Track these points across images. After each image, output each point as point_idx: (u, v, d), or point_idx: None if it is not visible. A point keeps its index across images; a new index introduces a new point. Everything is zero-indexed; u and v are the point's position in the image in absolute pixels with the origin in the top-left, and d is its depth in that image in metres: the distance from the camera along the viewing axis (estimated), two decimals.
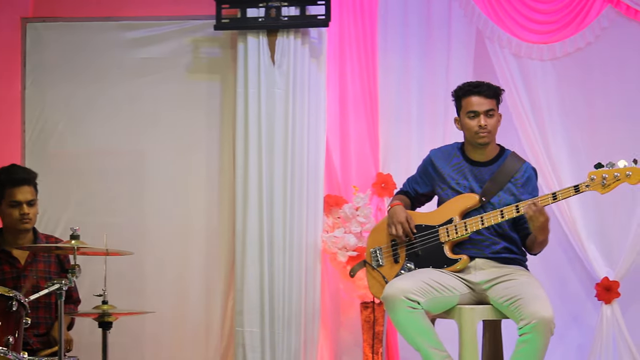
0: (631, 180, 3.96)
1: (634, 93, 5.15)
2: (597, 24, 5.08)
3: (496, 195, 4.17)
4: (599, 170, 3.98)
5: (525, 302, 3.92)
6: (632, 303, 5.14)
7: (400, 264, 4.26)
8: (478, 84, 4.24)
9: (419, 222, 4.27)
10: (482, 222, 4.11)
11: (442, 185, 4.29)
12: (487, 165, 4.24)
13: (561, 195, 4.03)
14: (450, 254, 4.17)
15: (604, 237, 5.14)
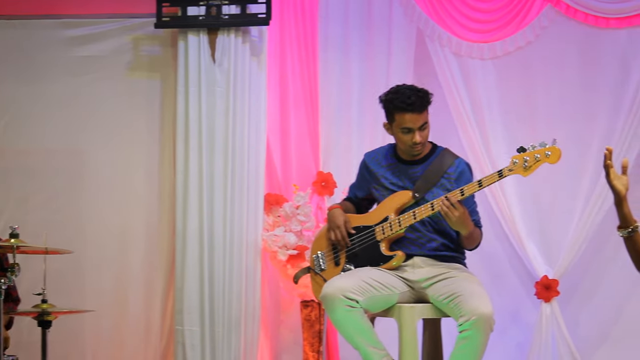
0: (551, 160, 4.21)
1: (574, 91, 5.52)
2: (537, 23, 5.46)
3: (430, 191, 4.43)
4: (521, 154, 4.23)
5: (464, 298, 4.16)
6: (571, 301, 5.52)
7: (340, 266, 4.52)
8: (411, 102, 4.37)
9: (357, 223, 4.53)
10: (414, 216, 4.35)
11: (377, 186, 4.56)
12: (419, 164, 4.50)
13: (486, 182, 4.27)
14: (386, 251, 4.43)
15: (543, 236, 5.51)
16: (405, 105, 4.36)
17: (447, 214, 4.24)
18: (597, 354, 5.56)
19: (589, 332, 5.57)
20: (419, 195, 4.42)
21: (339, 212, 4.57)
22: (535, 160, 4.21)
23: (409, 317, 4.30)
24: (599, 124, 5.49)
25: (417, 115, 4.37)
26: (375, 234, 4.45)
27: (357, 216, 4.60)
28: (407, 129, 4.39)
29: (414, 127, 4.37)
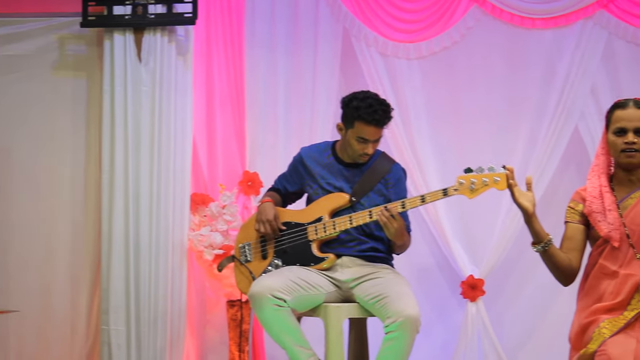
0: (499, 186, 4.38)
1: (499, 92, 5.89)
2: (463, 23, 5.84)
3: (366, 196, 4.70)
4: (468, 175, 4.43)
5: (391, 300, 4.41)
6: (496, 301, 5.90)
7: (268, 260, 4.76)
8: (377, 117, 4.60)
9: (289, 219, 4.76)
10: (350, 221, 4.60)
11: (312, 184, 4.81)
12: (358, 166, 4.75)
13: (430, 198, 4.50)
14: (317, 252, 4.68)
15: (469, 236, 5.87)
16: (371, 118, 4.60)
17: (386, 224, 4.47)
18: (521, 353, 5.95)
19: (514, 331, 5.95)
20: (355, 200, 4.68)
21: (269, 205, 4.79)
22: (483, 185, 4.42)
23: (335, 317, 4.55)
24: (524, 126, 5.85)
25: (378, 129, 4.64)
26: (307, 233, 4.69)
27: (288, 211, 4.85)
28: (363, 139, 4.63)
29: (371, 139, 4.64)
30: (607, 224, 3.99)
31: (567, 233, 4.13)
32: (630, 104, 4.03)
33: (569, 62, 5.79)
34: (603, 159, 4.12)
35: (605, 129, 4.08)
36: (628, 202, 4.03)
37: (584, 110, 5.80)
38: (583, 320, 3.97)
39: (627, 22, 5.79)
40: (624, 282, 3.90)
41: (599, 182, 4.09)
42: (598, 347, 3.79)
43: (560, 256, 4.05)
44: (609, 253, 3.99)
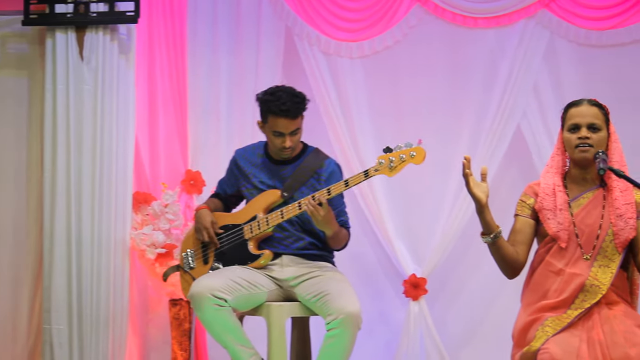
0: (415, 160, 4.67)
1: (442, 90, 6.15)
2: (405, 23, 6.10)
3: (298, 191, 4.90)
4: (387, 154, 4.67)
5: (332, 297, 4.62)
6: (438, 299, 6.17)
7: (209, 264, 4.98)
8: (286, 107, 4.81)
9: (226, 222, 4.98)
10: (282, 215, 4.81)
11: (247, 184, 5.03)
12: (290, 163, 4.97)
13: (353, 181, 4.71)
14: (254, 249, 4.89)
15: (411, 235, 6.12)
16: (279, 110, 4.81)
17: (313, 213, 4.67)
18: (464, 351, 6.22)
19: (456, 329, 6.22)
20: (287, 195, 4.89)
21: (205, 212, 5.02)
22: (400, 161, 4.67)
23: (277, 316, 4.76)
24: (466, 124, 6.13)
25: (290, 121, 4.84)
26: (244, 232, 4.91)
27: (225, 215, 5.06)
28: (278, 132, 4.86)
29: (285, 132, 4.84)
30: (556, 222, 4.21)
31: (516, 226, 4.32)
32: (584, 102, 4.27)
33: (511, 61, 6.07)
34: (558, 159, 4.34)
35: (561, 129, 4.32)
36: (580, 202, 4.26)
37: (526, 109, 6.07)
38: (527, 318, 4.16)
39: (569, 21, 6.08)
40: (569, 280, 4.12)
41: (553, 180, 4.29)
42: (541, 345, 3.97)
43: (508, 249, 4.23)
44: (556, 251, 4.20)
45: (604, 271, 4.15)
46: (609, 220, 4.20)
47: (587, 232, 4.18)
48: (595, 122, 4.22)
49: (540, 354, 3.95)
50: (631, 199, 4.23)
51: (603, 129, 4.24)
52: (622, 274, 4.26)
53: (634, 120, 6.02)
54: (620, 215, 4.20)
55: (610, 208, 4.23)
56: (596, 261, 4.16)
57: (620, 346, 3.93)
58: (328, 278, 4.82)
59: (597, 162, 4.11)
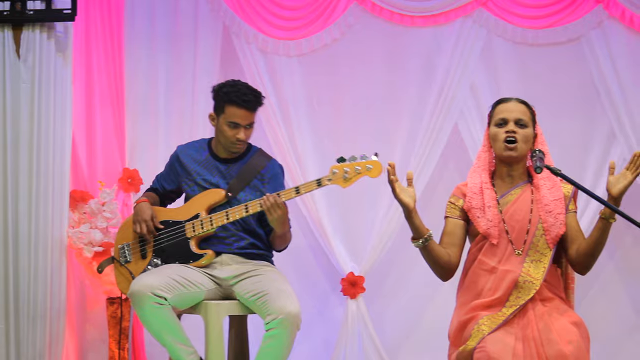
0: (372, 174, 4.87)
1: (379, 89, 6.47)
2: (343, 21, 6.42)
3: (242, 191, 5.11)
4: (341, 164, 4.88)
5: (271, 297, 4.83)
6: (376, 297, 6.49)
7: (147, 259, 5.17)
8: (247, 98, 5.06)
9: (166, 217, 5.17)
10: (227, 217, 5.01)
11: (188, 181, 5.22)
12: (233, 162, 5.18)
13: (304, 189, 4.93)
14: (196, 249, 5.09)
15: (349, 233, 6.44)
16: (241, 100, 5.05)
17: (270, 209, 4.93)
18: (402, 349, 6.57)
19: (394, 328, 6.55)
20: (232, 195, 5.11)
21: (145, 205, 5.21)
22: (355, 173, 4.90)
23: (215, 314, 4.97)
24: (404, 123, 6.47)
25: (248, 113, 5.09)
26: (185, 230, 5.12)
27: (165, 210, 5.26)
28: (234, 123, 5.07)
29: (242, 124, 5.07)
30: (486, 220, 4.45)
31: (447, 228, 4.58)
32: (513, 99, 4.53)
33: (448, 60, 6.42)
34: (485, 156, 4.60)
35: (488, 126, 4.55)
36: (508, 199, 4.51)
37: (463, 108, 6.44)
38: (462, 317, 4.38)
39: (505, 20, 6.45)
40: (503, 278, 4.37)
41: (480, 178, 4.55)
42: (477, 344, 4.18)
43: (440, 251, 4.47)
44: (488, 249, 4.44)
45: (536, 266, 4.40)
46: (538, 216, 4.45)
47: (517, 228, 4.43)
48: (523, 119, 4.47)
49: (476, 352, 4.17)
50: (559, 195, 4.50)
51: (530, 127, 4.49)
52: (555, 270, 4.53)
53: (570, 118, 6.45)
54: (549, 211, 4.45)
55: (539, 204, 4.47)
56: (528, 256, 4.41)
57: (555, 343, 4.16)
58: (267, 277, 5.04)
59: (534, 161, 4.34)
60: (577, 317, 4.36)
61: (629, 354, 6.65)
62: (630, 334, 6.66)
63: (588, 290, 6.35)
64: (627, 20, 6.45)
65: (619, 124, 6.43)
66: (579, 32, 6.48)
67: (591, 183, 6.43)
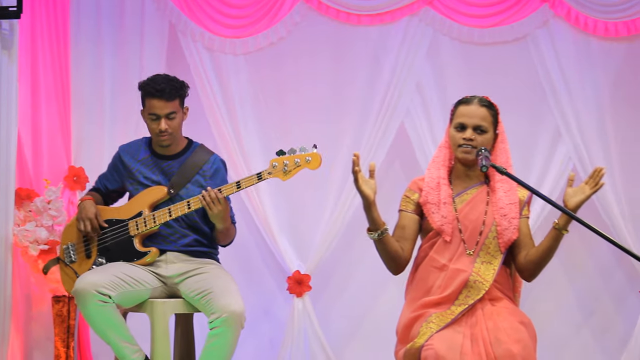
0: (311, 166, 5.12)
1: (326, 87, 6.81)
2: (289, 19, 6.74)
3: (184, 188, 5.37)
4: (281, 157, 5.13)
5: (215, 295, 5.08)
6: (322, 296, 6.85)
7: (92, 259, 5.41)
8: (160, 88, 5.29)
9: (110, 216, 5.41)
10: (170, 213, 5.26)
11: (131, 180, 5.46)
12: (174, 159, 5.43)
13: (245, 184, 5.18)
14: (140, 247, 5.34)
15: (295, 231, 6.77)
16: (155, 91, 5.30)
17: (209, 205, 5.17)
18: (348, 347, 6.92)
19: (341, 326, 6.90)
20: (174, 192, 5.35)
21: (89, 203, 5.43)
22: (295, 165, 5.14)
23: (160, 313, 5.22)
24: (350, 122, 6.81)
25: (165, 102, 5.32)
26: (129, 228, 5.36)
27: (109, 209, 5.49)
28: (154, 115, 5.33)
29: (161, 114, 5.32)
30: (440, 216, 4.64)
31: (400, 222, 4.74)
32: (475, 101, 4.68)
33: (394, 58, 6.77)
34: (445, 151, 4.75)
35: (449, 124, 4.71)
36: (464, 197, 4.70)
37: (409, 107, 6.80)
38: (411, 314, 4.56)
39: (452, 18, 6.81)
40: (453, 276, 4.56)
41: (438, 173, 4.71)
42: (425, 342, 4.37)
43: (394, 245, 4.63)
44: (440, 246, 4.63)
45: (486, 267, 4.60)
46: (493, 218, 4.64)
47: (470, 228, 4.63)
48: (482, 125, 4.65)
49: (424, 350, 4.35)
50: (515, 199, 4.69)
51: (489, 131, 4.67)
52: (505, 270, 4.71)
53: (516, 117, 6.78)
54: (504, 215, 4.64)
55: (494, 207, 4.67)
56: (479, 257, 4.62)
57: (503, 342, 4.35)
58: (212, 276, 5.30)
59: (479, 159, 4.53)
60: (525, 317, 4.56)
61: (575, 352, 7.07)
62: (575, 333, 7.08)
63: (534, 289, 6.50)
64: (573, 20, 6.86)
65: (565, 123, 6.84)
66: (524, 31, 6.87)
67: (536, 182, 6.82)
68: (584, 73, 6.89)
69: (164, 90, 5.35)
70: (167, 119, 5.38)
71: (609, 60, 6.95)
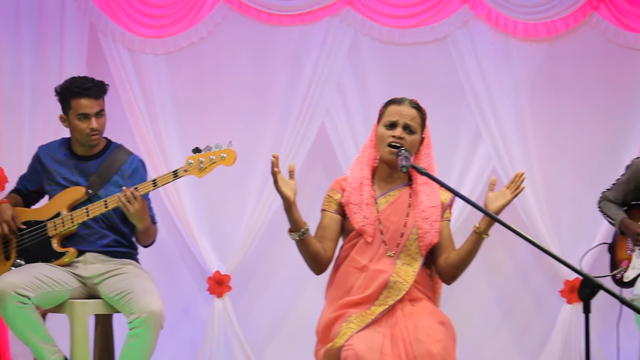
0: (226, 162, 5.42)
1: (246, 87, 7.23)
2: (210, 19, 7.15)
3: (103, 188, 5.65)
4: (196, 154, 5.42)
5: (135, 296, 5.36)
6: (243, 296, 7.27)
7: (11, 260, 5.68)
8: (87, 86, 5.57)
9: (29, 217, 5.66)
10: (87, 213, 5.52)
11: (50, 181, 5.72)
12: (93, 159, 5.71)
13: (161, 181, 5.48)
14: (58, 247, 5.60)
15: (215, 231, 7.17)
16: (82, 89, 5.56)
17: (126, 205, 5.42)
18: (269, 348, 7.37)
19: (261, 326, 7.33)
20: (92, 192, 5.63)
21: (6, 206, 5.68)
22: (210, 162, 5.44)
23: (80, 313, 5.48)
24: (271, 122, 7.25)
25: (94, 100, 5.60)
26: (47, 229, 5.62)
27: (27, 210, 5.74)
28: (83, 114, 5.59)
29: (91, 113, 5.58)
30: (362, 217, 4.85)
31: (322, 222, 4.98)
32: (406, 102, 4.95)
33: (315, 58, 7.21)
34: (369, 151, 4.97)
35: (377, 123, 4.94)
36: (386, 199, 4.92)
37: (330, 107, 7.27)
38: (331, 314, 4.77)
39: (373, 19, 7.27)
40: (374, 277, 4.79)
41: (362, 173, 4.93)
42: (345, 342, 4.57)
43: (315, 245, 4.84)
44: (361, 247, 4.85)
45: (407, 269, 4.84)
46: (414, 220, 4.89)
47: (392, 229, 4.86)
48: (412, 125, 4.90)
49: (344, 350, 4.56)
50: (437, 202, 4.94)
51: (418, 133, 4.92)
52: (425, 271, 4.96)
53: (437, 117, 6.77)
54: (425, 218, 4.89)
55: (416, 209, 4.92)
56: (399, 259, 4.85)
57: (423, 342, 4.58)
58: (132, 276, 5.60)
59: (399, 159, 4.75)
60: (445, 317, 4.82)
61: (495, 351, 7.64)
62: (495, 333, 7.66)
63: (454, 289, 6.92)
64: (493, 21, 7.42)
65: (485, 124, 7.41)
66: (445, 31, 7.42)
67: (456, 182, 7.36)
68: (504, 74, 7.42)
69: (91, 89, 5.66)
70: (96, 117, 5.68)
71: (529, 61, 7.50)
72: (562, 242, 7.49)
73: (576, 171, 7.53)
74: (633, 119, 7.53)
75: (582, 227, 7.49)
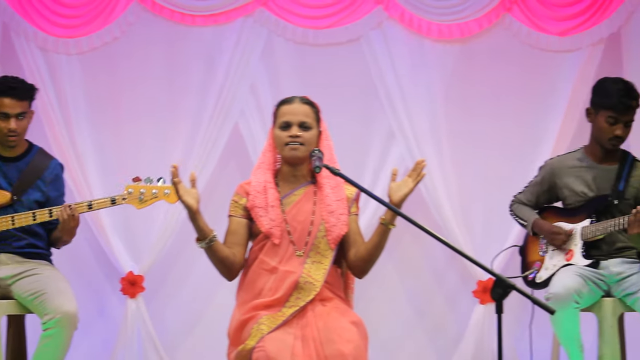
0: (170, 199, 5.60)
1: (160, 89, 7.48)
2: (123, 19, 7.36)
3: (26, 193, 5.81)
4: (137, 184, 5.57)
5: (49, 296, 5.51)
6: (156, 297, 7.51)
7: None
8: (12, 86, 5.75)
9: None
10: (12, 222, 5.71)
11: None
12: (15, 162, 5.87)
13: (97, 205, 5.66)
14: None
15: (129, 231, 7.39)
16: (7, 88, 5.72)
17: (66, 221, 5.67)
18: (181, 349, 7.64)
19: (174, 327, 7.59)
20: (17, 197, 5.81)
21: None
22: (152, 196, 5.63)
23: None
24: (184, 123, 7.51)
25: (16, 101, 5.75)
26: None
27: None
28: (3, 114, 5.74)
29: (11, 113, 5.73)
30: (268, 219, 4.99)
31: (230, 227, 5.10)
32: (296, 100, 5.09)
33: (229, 59, 7.45)
34: (269, 155, 5.14)
35: (272, 126, 5.11)
36: (291, 199, 5.09)
37: (243, 108, 7.52)
38: (242, 316, 4.91)
39: (286, 20, 7.54)
40: (283, 278, 4.95)
41: (264, 177, 5.08)
42: (256, 343, 4.72)
43: (225, 251, 4.99)
44: (269, 248, 5.00)
45: (317, 267, 5.00)
46: (321, 217, 5.05)
47: (299, 229, 5.02)
48: (306, 121, 5.05)
49: (255, 352, 4.72)
50: (342, 195, 5.11)
51: (314, 128, 5.07)
52: (336, 270, 5.13)
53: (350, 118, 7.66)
54: (331, 211, 5.04)
55: (322, 205, 5.07)
56: (309, 258, 5.01)
57: (334, 343, 4.72)
58: (45, 277, 5.74)
59: (312, 160, 4.89)
60: (357, 317, 4.96)
61: (408, 351, 7.95)
62: (409, 333, 7.94)
63: (367, 289, 7.11)
64: (407, 22, 7.74)
65: (398, 124, 7.70)
66: (359, 32, 7.70)
67: (370, 182, 7.63)
68: (417, 74, 7.72)
69: (16, 89, 5.83)
70: (16, 119, 5.83)
71: (443, 62, 7.82)
72: (475, 242, 7.77)
73: (489, 172, 7.80)
74: (546, 119, 7.83)
75: (494, 228, 7.74)
